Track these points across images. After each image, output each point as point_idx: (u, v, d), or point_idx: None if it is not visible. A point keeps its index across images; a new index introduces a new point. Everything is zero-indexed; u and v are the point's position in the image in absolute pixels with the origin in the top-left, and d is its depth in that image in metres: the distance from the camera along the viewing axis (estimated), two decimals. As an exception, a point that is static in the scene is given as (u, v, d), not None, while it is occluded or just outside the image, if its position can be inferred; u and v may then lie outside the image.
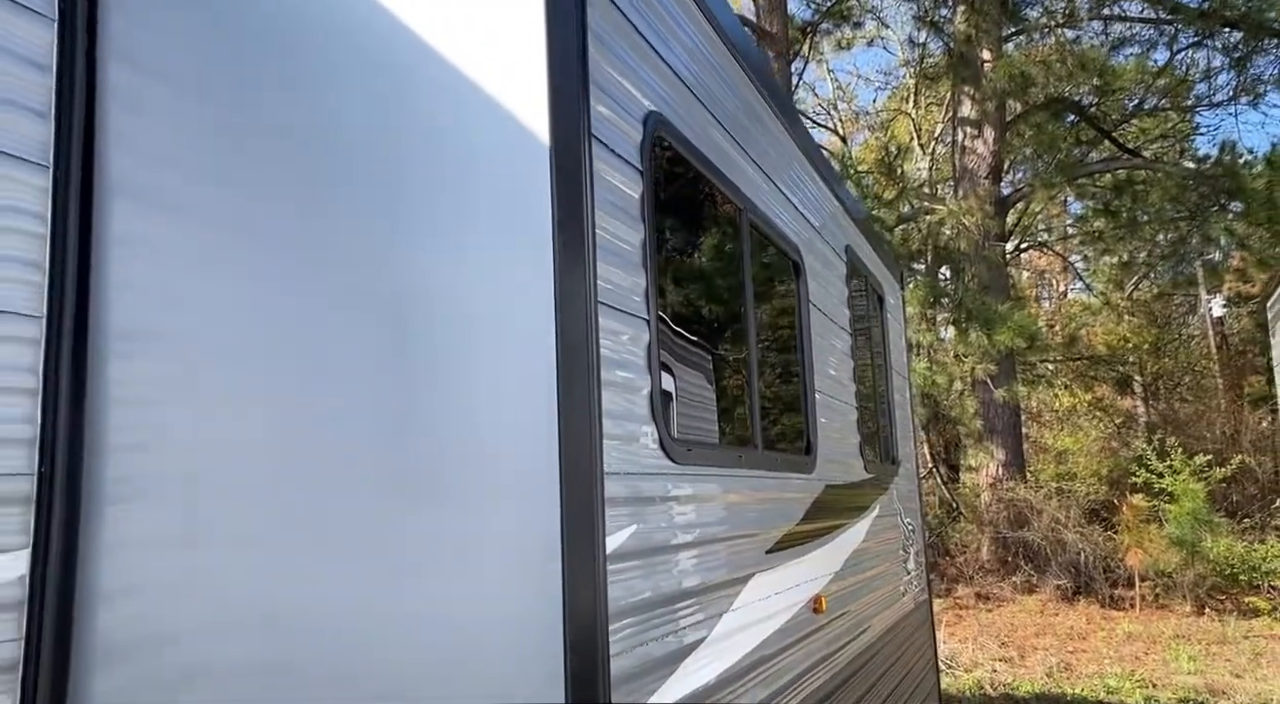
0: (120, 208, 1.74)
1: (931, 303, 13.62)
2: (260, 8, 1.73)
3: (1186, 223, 14.26)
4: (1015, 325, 12.45)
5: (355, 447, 1.62)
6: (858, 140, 22.37)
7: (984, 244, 13.98)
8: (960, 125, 15.07)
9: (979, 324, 12.65)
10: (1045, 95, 14.44)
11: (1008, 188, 16.63)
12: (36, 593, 1.60)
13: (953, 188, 15.54)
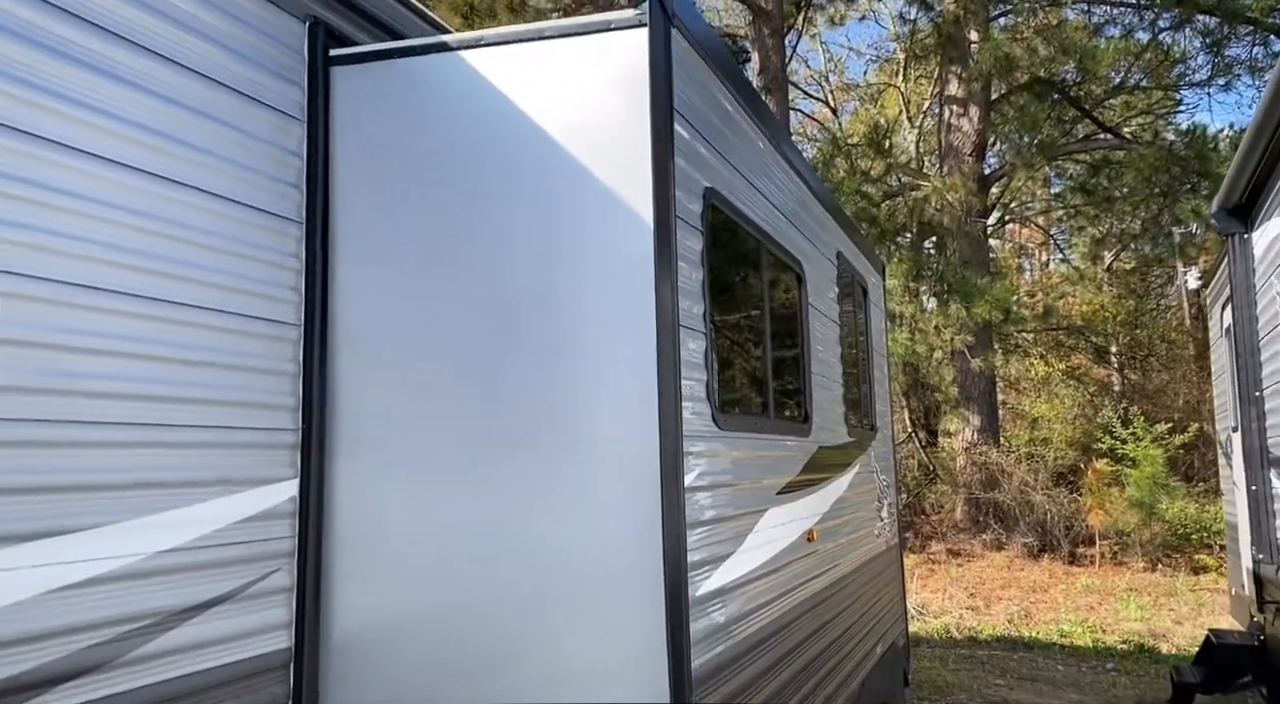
0: (345, 253, 2.60)
1: (915, 276, 14.54)
2: (445, 113, 2.57)
3: (1159, 202, 15.22)
4: (993, 298, 13.40)
5: (511, 414, 2.50)
6: (848, 109, 23.11)
7: (966, 220, 14.89)
8: (947, 103, 15.89)
9: (959, 297, 13.59)
10: (1029, 75, 15.25)
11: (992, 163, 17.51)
12: (302, 505, 2.48)
13: (938, 163, 16.40)
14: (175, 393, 2.13)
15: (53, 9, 1.90)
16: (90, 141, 1.96)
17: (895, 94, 20.07)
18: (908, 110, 19.56)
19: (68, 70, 1.92)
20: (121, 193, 2.03)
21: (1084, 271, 17.75)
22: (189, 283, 2.18)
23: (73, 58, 1.93)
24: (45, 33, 1.88)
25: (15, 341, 1.80)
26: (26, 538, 1.79)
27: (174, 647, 2.08)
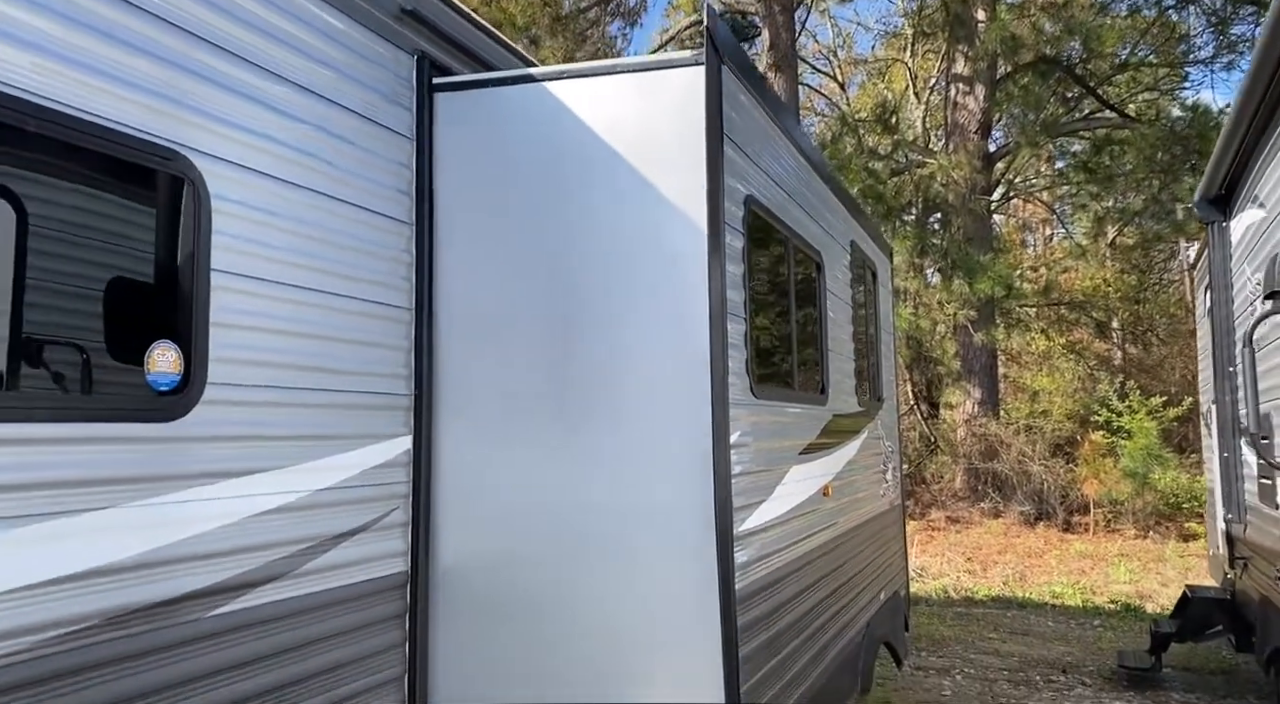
0: (445, 248, 3.14)
1: (920, 252, 15.05)
2: (530, 133, 3.11)
3: (1160, 179, 15.67)
4: (995, 275, 13.94)
5: (583, 383, 3.06)
6: (855, 83, 23.44)
7: (970, 197, 15.37)
8: (953, 81, 16.29)
9: (962, 273, 14.13)
10: (1035, 54, 15.64)
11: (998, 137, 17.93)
12: (415, 457, 3.05)
13: (944, 140, 16.84)
14: (329, 365, 2.69)
15: (231, 56, 2.42)
16: (267, 165, 2.50)
17: (902, 69, 20.42)
18: (914, 86, 19.93)
19: (250, 108, 2.45)
20: (290, 206, 2.58)
21: (1087, 247, 18.24)
22: (337, 277, 2.74)
23: (250, 97, 2.46)
24: (217, 71, 2.42)
25: (254, 328, 2.38)
26: (238, 474, 2.36)
27: (329, 565, 2.66)
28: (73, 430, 1.97)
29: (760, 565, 3.17)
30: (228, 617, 2.31)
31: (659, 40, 19.64)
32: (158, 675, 2.12)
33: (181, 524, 2.20)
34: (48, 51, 1.94)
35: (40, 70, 1.92)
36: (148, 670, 2.10)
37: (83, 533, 1.97)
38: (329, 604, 2.66)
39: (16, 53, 1.88)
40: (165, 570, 2.15)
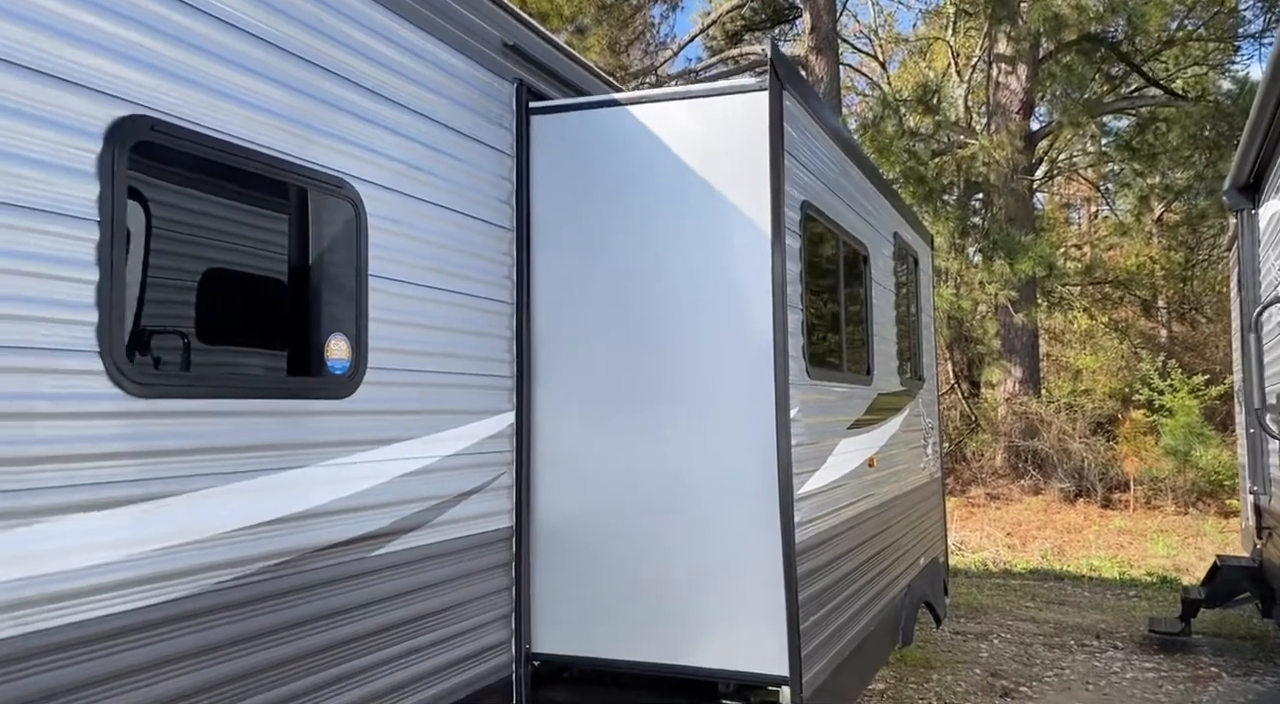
0: (540, 250, 3.66)
1: (961, 232, 15.31)
2: (614, 150, 3.60)
3: (1206, 156, 15.73)
4: (1036, 255, 14.17)
5: (659, 366, 3.56)
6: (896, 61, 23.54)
7: (1012, 177, 15.56)
8: (995, 62, 16.43)
9: (1003, 253, 14.38)
10: (1078, 32, 15.72)
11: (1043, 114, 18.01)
12: (517, 429, 3.59)
13: (985, 121, 16.99)
14: (452, 351, 3.23)
15: (377, 96, 2.93)
16: (404, 185, 3.03)
17: (944, 48, 20.51)
18: (956, 64, 20.02)
19: (391, 138, 2.98)
20: (420, 219, 3.10)
21: (1130, 225, 18.32)
22: (456, 277, 3.26)
23: (391, 128, 2.98)
24: (367, 108, 2.94)
25: (415, 324, 2.93)
26: (390, 442, 2.91)
27: (455, 518, 3.21)
28: (277, 405, 2.52)
29: (814, 524, 3.67)
30: (384, 557, 2.86)
31: (700, 23, 19.95)
32: (337, 601, 2.68)
33: (352, 481, 2.75)
34: (261, 108, 2.47)
35: (254, 125, 2.45)
36: (331, 597, 2.66)
37: (284, 486, 2.53)
38: (455, 551, 3.21)
39: (246, 113, 2.41)
40: (340, 517, 2.71)
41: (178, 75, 2.23)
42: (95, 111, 2.03)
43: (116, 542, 2.06)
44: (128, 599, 2.07)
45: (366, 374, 2.81)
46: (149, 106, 2.15)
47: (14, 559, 1.85)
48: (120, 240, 2.07)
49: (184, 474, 2.22)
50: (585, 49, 15.00)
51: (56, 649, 1.91)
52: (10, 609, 1.84)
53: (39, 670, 1.88)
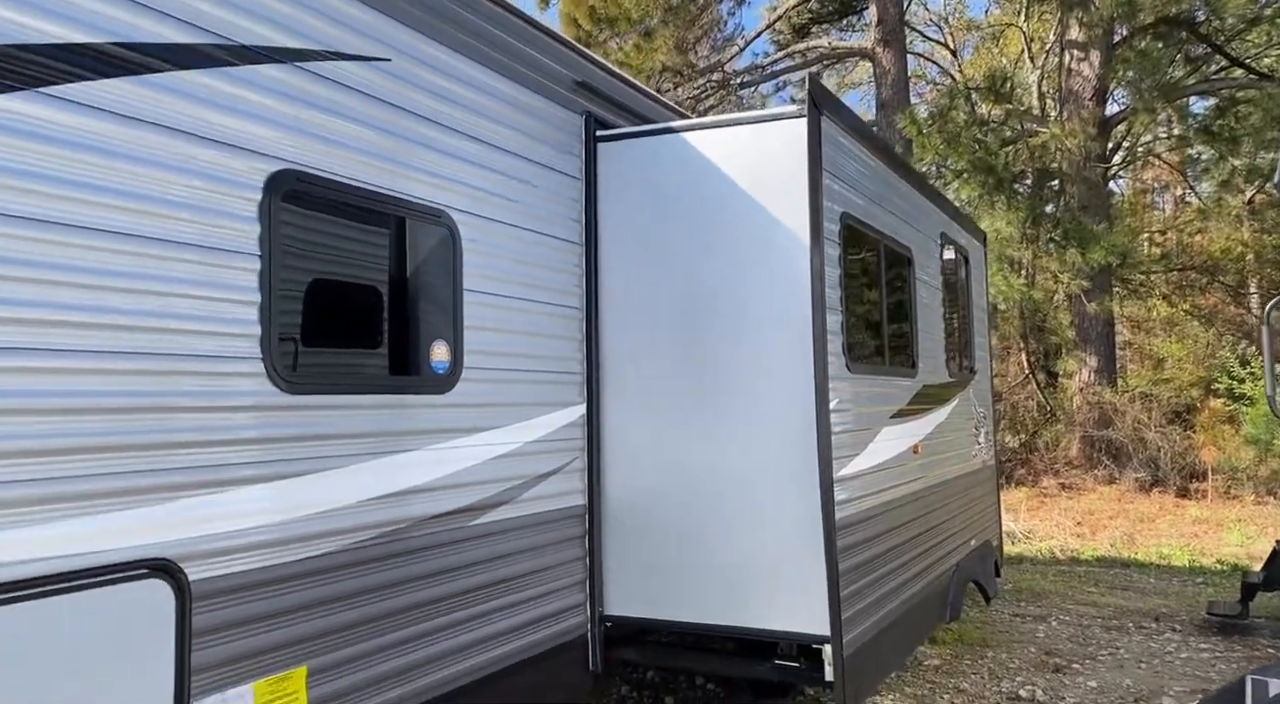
0: (606, 262, 4.16)
1: (1031, 222, 15.28)
2: (671, 171, 4.08)
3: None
4: (1109, 244, 14.10)
5: (710, 363, 4.03)
6: (968, 47, 23.34)
7: (1085, 165, 15.45)
8: (1067, 48, 16.30)
9: (1075, 242, 14.33)
10: (1155, 15, 15.48)
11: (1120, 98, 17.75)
12: (588, 419, 4.10)
13: (1058, 108, 16.86)
14: (532, 352, 3.76)
15: (466, 136, 3.47)
16: (489, 211, 3.56)
17: (1016, 33, 20.32)
18: (1029, 50, 19.83)
19: (477, 171, 3.51)
20: (503, 239, 3.64)
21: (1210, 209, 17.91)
22: (534, 288, 3.80)
23: (477, 163, 3.52)
24: (460, 148, 3.48)
25: (501, 330, 3.49)
26: (482, 430, 3.45)
27: (537, 495, 3.75)
28: (392, 399, 3.09)
29: (855, 503, 4.09)
30: (478, 527, 3.41)
31: (767, 18, 20.18)
32: (440, 563, 3.24)
33: (451, 463, 3.30)
34: (377, 156, 3.03)
35: (371, 170, 3.01)
36: (435, 559, 3.22)
37: (398, 467, 3.09)
38: (538, 524, 3.75)
39: (366, 160, 2.98)
40: (442, 493, 3.26)
41: (315, 135, 2.80)
42: (257, 168, 2.61)
43: (275, 508, 2.64)
44: (280, 555, 2.65)
45: (463, 373, 3.35)
46: (295, 161, 2.73)
47: (190, 520, 2.43)
48: (276, 269, 2.64)
49: (323, 455, 2.80)
50: (652, 50, 15.47)
51: (236, 590, 2.50)
52: (207, 557, 2.43)
53: (226, 606, 2.46)
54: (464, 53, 3.44)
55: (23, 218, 2.03)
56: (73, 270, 2.12)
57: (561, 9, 15.81)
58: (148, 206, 2.30)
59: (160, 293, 2.32)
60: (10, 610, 1.97)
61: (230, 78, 2.52)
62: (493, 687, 3.43)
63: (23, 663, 2.00)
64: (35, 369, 2.06)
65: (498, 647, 3.50)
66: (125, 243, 2.23)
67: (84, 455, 2.15)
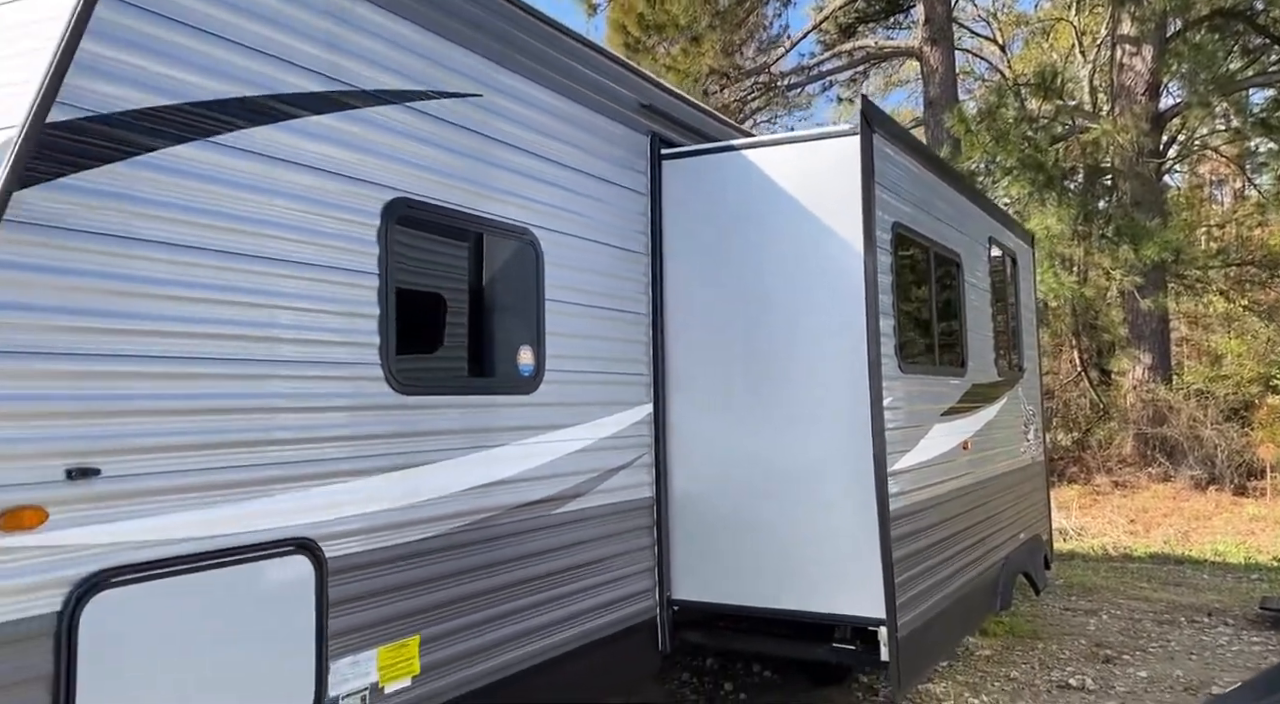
0: (671, 271, 4.49)
1: (1082, 219, 15.25)
2: (730, 186, 4.39)
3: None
4: (1162, 240, 14.05)
5: (769, 366, 4.33)
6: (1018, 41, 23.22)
7: (1137, 161, 15.39)
8: (1119, 43, 16.23)
9: (1127, 239, 14.30)
10: (1210, 7, 15.36)
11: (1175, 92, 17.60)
12: (654, 417, 4.44)
13: (1109, 103, 16.79)
14: (605, 355, 4.11)
15: (546, 160, 3.82)
16: (566, 226, 3.91)
17: (1067, 28, 20.22)
18: (1080, 44, 19.73)
19: (555, 192, 3.86)
20: (579, 252, 3.98)
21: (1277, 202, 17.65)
22: (606, 296, 4.14)
23: (554, 184, 3.87)
24: (541, 171, 3.82)
25: (578, 335, 3.85)
26: (562, 427, 3.80)
27: (611, 487, 4.09)
28: (485, 400, 3.45)
29: (907, 496, 4.37)
30: (559, 515, 3.76)
31: (815, 18, 20.34)
32: (526, 547, 3.59)
33: (536, 457, 3.66)
34: (472, 182, 3.40)
35: (466, 195, 3.38)
36: (522, 544, 3.57)
37: (491, 460, 3.45)
38: (611, 513, 4.09)
39: (463, 186, 3.34)
40: (528, 484, 3.61)
41: (421, 165, 3.17)
42: (375, 197, 2.98)
43: (392, 495, 3.01)
44: (397, 537, 3.02)
45: (545, 375, 3.71)
46: (405, 190, 3.10)
47: (325, 505, 2.80)
48: (390, 286, 3.01)
49: (430, 449, 3.17)
50: (700, 55, 15.75)
51: (363, 566, 2.87)
52: (340, 537, 2.80)
53: (355, 580, 2.84)
54: (543, 83, 3.80)
55: (199, 248, 2.41)
56: (239, 291, 2.50)
57: (610, 16, 16.17)
58: (293, 235, 2.68)
59: (304, 309, 2.70)
60: (190, 578, 2.36)
61: (353, 119, 2.90)
62: (572, 662, 3.78)
63: (203, 621, 2.39)
64: (207, 375, 2.44)
65: (577, 625, 3.84)
66: (278, 267, 2.62)
67: (243, 449, 2.53)
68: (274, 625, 2.58)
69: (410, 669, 3.00)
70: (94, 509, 2.17)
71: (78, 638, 2.11)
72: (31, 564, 2.06)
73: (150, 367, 2.30)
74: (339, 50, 2.85)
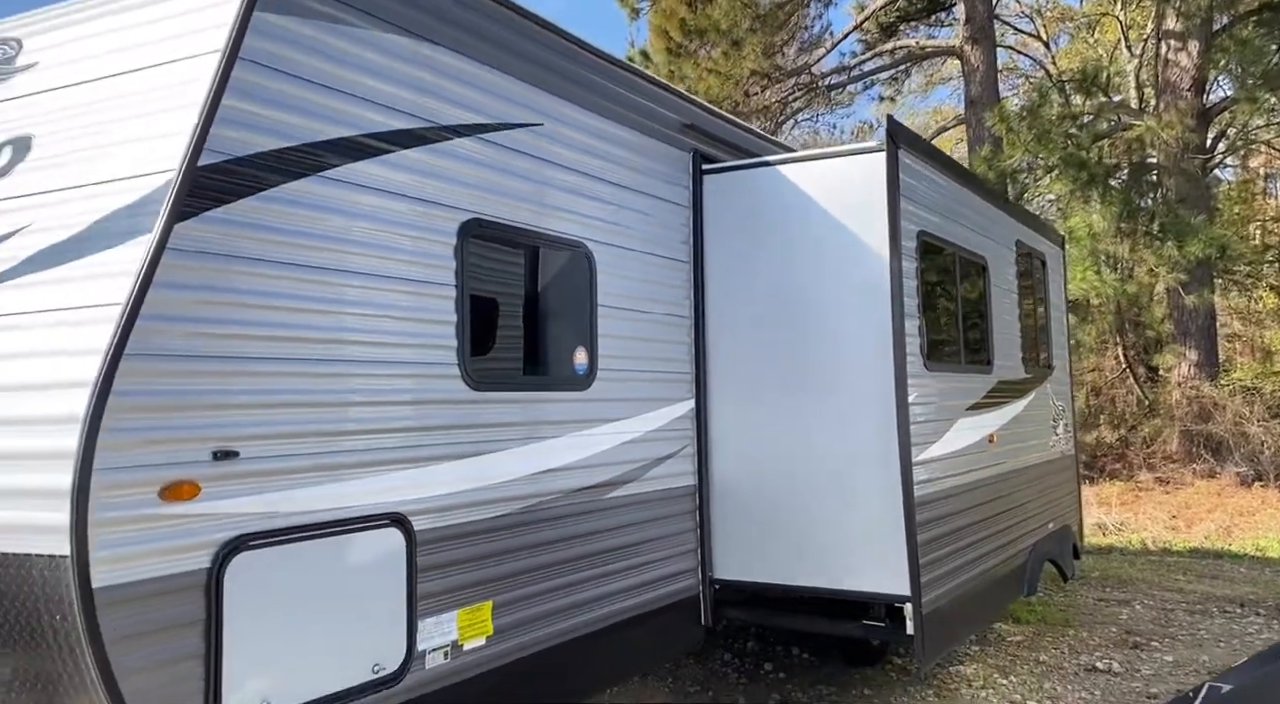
0: (711, 277, 4.91)
1: (1126, 216, 15.31)
2: (766, 198, 4.80)
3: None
4: (1207, 236, 14.09)
5: (801, 364, 4.72)
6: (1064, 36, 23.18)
7: (1182, 157, 15.41)
8: (1164, 38, 16.25)
9: (1171, 236, 14.36)
10: (1258, 2, 15.32)
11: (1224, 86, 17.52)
12: (696, 411, 4.85)
13: (1154, 99, 16.79)
14: (651, 355, 4.54)
15: (598, 180, 4.25)
16: (615, 239, 4.34)
17: (1112, 22, 20.18)
18: (1126, 39, 19.70)
19: (605, 208, 4.29)
20: (628, 261, 4.42)
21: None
22: (652, 301, 4.57)
23: (605, 201, 4.30)
24: (594, 189, 4.26)
25: (627, 337, 4.28)
26: (614, 420, 4.24)
27: (658, 475, 4.52)
28: (545, 395, 3.89)
29: (932, 484, 4.73)
30: (611, 499, 4.20)
31: (856, 17, 20.54)
32: (584, 527, 4.04)
33: (590, 446, 4.10)
34: (533, 202, 3.85)
35: (528, 213, 3.83)
36: (578, 524, 4.02)
37: (551, 449, 3.89)
38: (657, 499, 4.52)
39: (525, 206, 3.80)
40: (583, 470, 4.06)
41: (489, 188, 3.63)
42: (453, 219, 3.44)
43: (467, 478, 3.46)
44: (472, 514, 3.47)
45: (598, 373, 4.15)
46: (476, 210, 3.55)
47: (414, 485, 3.26)
48: (466, 296, 3.47)
49: (498, 439, 3.62)
50: (741, 58, 16.09)
51: (444, 539, 3.33)
52: (425, 513, 3.27)
53: (438, 551, 3.30)
54: (595, 110, 4.23)
55: (315, 267, 2.89)
56: (346, 303, 2.98)
57: (652, 21, 16.58)
58: (388, 254, 3.15)
59: (397, 317, 3.17)
60: (308, 544, 2.84)
61: (435, 151, 3.36)
62: (625, 631, 4.22)
63: (319, 579, 2.87)
64: (320, 375, 2.92)
65: (628, 599, 4.28)
66: (376, 282, 3.09)
67: (348, 437, 3.01)
68: (374, 586, 3.05)
69: (484, 630, 3.46)
70: (234, 485, 2.65)
71: (223, 590, 2.60)
72: (188, 528, 2.54)
73: (277, 367, 2.78)
74: (424, 92, 3.31)
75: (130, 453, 2.40)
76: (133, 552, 2.40)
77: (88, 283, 2.48)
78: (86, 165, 2.73)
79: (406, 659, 3.12)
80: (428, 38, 3.35)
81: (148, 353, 2.43)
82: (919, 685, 5.68)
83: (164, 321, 2.48)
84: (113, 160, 2.68)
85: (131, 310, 2.37)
